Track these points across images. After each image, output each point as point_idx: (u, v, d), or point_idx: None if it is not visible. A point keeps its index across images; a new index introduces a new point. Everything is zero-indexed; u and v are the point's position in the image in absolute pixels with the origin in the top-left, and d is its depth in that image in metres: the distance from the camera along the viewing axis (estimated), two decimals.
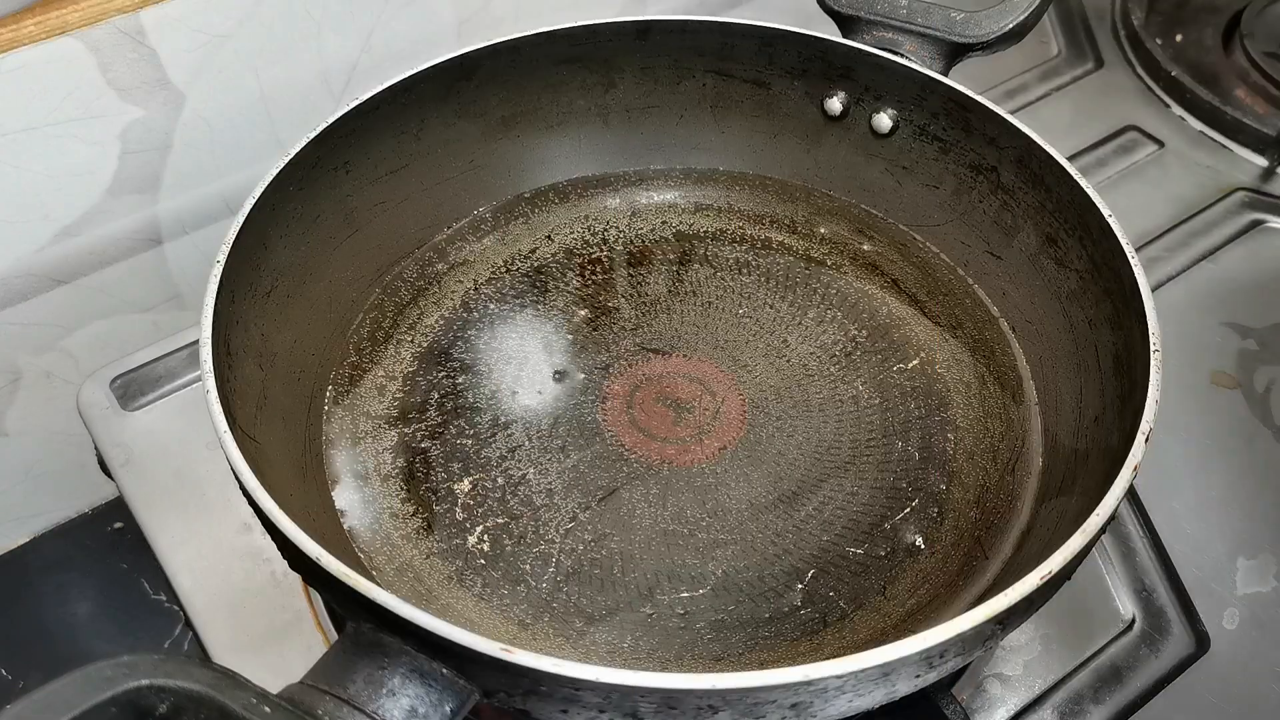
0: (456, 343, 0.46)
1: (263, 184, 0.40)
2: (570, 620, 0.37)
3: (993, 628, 0.30)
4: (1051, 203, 0.44)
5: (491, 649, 0.27)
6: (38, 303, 0.57)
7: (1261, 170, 0.66)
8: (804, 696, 0.28)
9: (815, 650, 0.37)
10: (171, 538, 0.48)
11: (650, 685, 0.27)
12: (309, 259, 0.44)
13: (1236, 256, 0.61)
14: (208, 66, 0.54)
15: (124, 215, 0.57)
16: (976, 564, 0.39)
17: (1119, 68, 0.73)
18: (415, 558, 0.39)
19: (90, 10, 0.50)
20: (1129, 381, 0.37)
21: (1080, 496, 0.36)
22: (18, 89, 0.49)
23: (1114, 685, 0.45)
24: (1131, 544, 0.49)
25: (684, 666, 0.36)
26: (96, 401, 0.53)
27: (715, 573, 0.39)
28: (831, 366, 0.45)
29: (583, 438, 0.43)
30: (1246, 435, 0.52)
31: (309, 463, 0.41)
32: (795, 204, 0.52)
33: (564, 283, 0.49)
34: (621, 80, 0.51)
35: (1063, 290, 0.44)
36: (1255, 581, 0.47)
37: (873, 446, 0.43)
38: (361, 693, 0.27)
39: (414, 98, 0.46)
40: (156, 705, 0.22)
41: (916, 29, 0.46)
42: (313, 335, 0.44)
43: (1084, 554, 0.31)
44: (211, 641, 0.46)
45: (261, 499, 0.31)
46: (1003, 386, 0.44)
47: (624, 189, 0.52)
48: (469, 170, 0.50)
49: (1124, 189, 0.65)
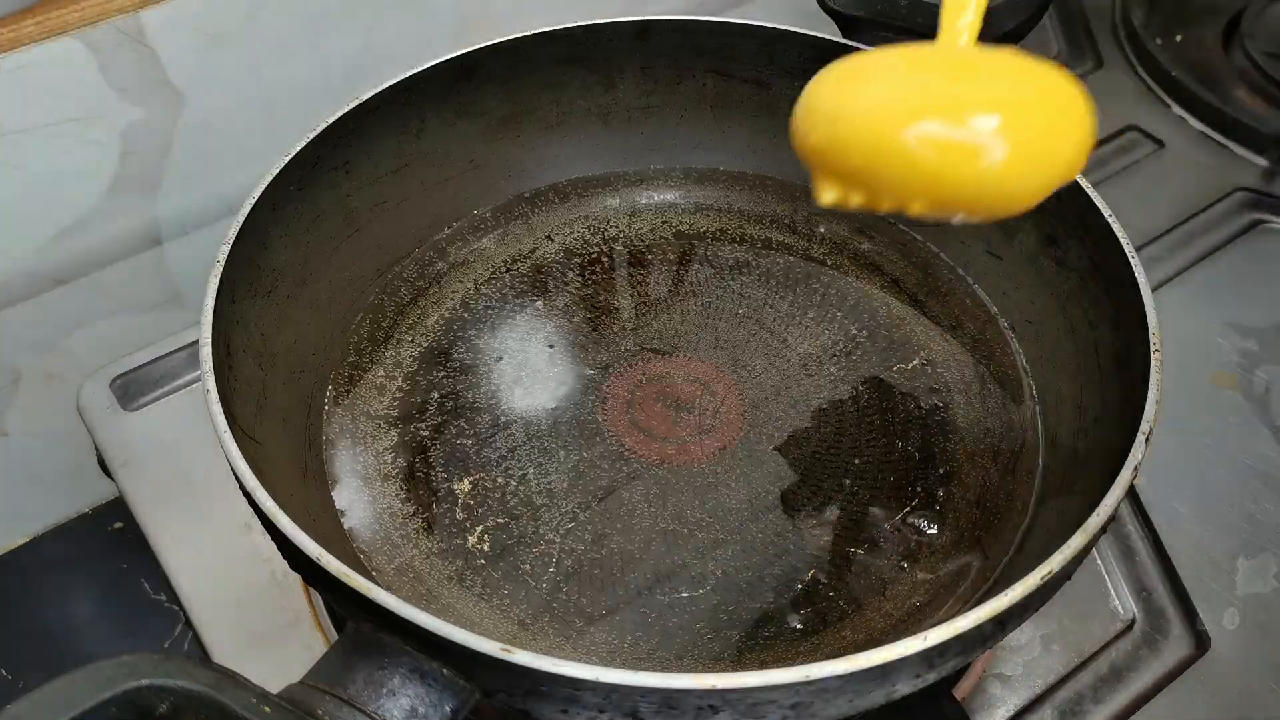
0: (457, 343, 0.46)
1: (263, 184, 0.40)
2: (570, 620, 0.37)
3: (993, 628, 0.30)
4: (1051, 203, 0.43)
5: (491, 649, 0.27)
6: (38, 303, 0.57)
7: (1261, 170, 0.66)
8: (804, 696, 0.28)
9: (815, 650, 0.37)
10: (171, 538, 0.48)
11: (650, 685, 0.27)
12: (309, 259, 0.44)
13: (1236, 256, 0.61)
14: (208, 66, 0.54)
15: (124, 215, 0.57)
16: (976, 564, 0.39)
17: (1119, 68, 0.73)
18: (415, 558, 0.39)
19: (90, 10, 0.50)
20: (1129, 381, 0.37)
21: (1080, 496, 0.36)
22: (18, 89, 0.49)
23: (1114, 685, 0.45)
24: (1131, 544, 0.49)
25: (684, 666, 0.36)
26: (96, 401, 0.53)
27: (715, 573, 0.39)
28: (831, 366, 0.45)
29: (583, 438, 0.43)
30: (1246, 435, 0.52)
31: (309, 463, 0.41)
32: (795, 204, 0.52)
33: (564, 282, 0.49)
34: (621, 80, 0.50)
35: (1063, 290, 0.44)
36: (1255, 581, 0.47)
37: (873, 446, 0.43)
38: (361, 693, 0.27)
39: (414, 98, 0.46)
40: (156, 705, 0.22)
41: (916, 29, 0.46)
42: (313, 335, 0.44)
43: (1084, 554, 0.31)
44: (211, 641, 0.46)
45: (261, 499, 0.31)
46: (1003, 386, 0.44)
47: (624, 189, 0.52)
48: (469, 170, 0.50)
49: (1124, 189, 0.65)
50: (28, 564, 0.64)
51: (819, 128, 0.29)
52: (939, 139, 0.27)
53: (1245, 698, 0.44)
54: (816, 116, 0.29)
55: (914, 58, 0.29)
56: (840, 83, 0.29)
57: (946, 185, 0.27)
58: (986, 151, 0.27)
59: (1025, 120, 0.27)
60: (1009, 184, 0.28)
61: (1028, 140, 0.27)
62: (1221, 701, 0.44)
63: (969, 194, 0.28)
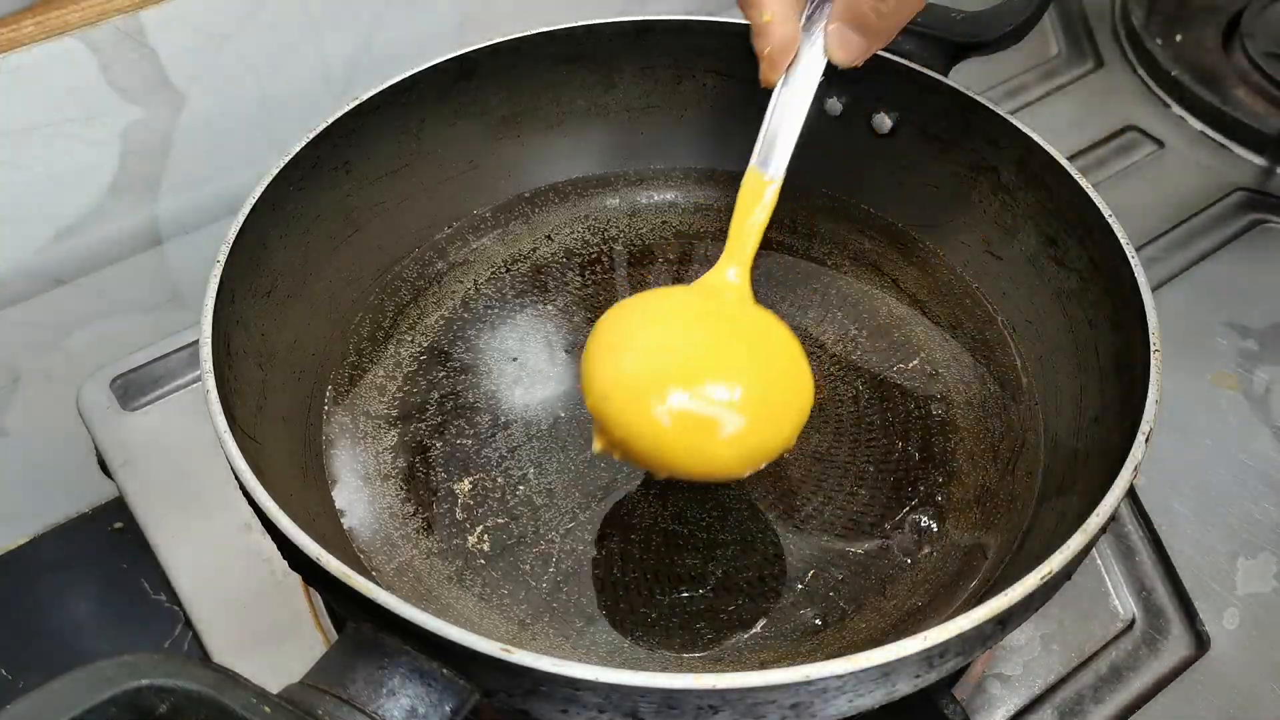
0: (456, 342, 0.46)
1: (263, 184, 0.40)
2: (570, 620, 0.37)
3: (993, 628, 0.30)
4: (1051, 203, 0.44)
5: (491, 649, 0.27)
6: (38, 303, 0.57)
7: (1261, 170, 0.66)
8: (804, 696, 0.28)
9: (815, 650, 0.37)
10: (171, 538, 0.48)
11: (650, 685, 0.27)
12: (309, 259, 0.44)
13: (1236, 256, 0.61)
14: (208, 66, 0.54)
15: (124, 215, 0.57)
16: (976, 564, 0.39)
17: (1119, 68, 0.73)
18: (415, 558, 0.39)
19: (90, 10, 0.50)
20: (1129, 381, 0.37)
21: (1080, 496, 0.36)
22: (18, 89, 0.49)
23: (1114, 685, 0.45)
24: (1131, 544, 0.49)
25: (684, 666, 0.36)
26: (96, 401, 0.53)
27: (715, 573, 0.39)
28: (831, 366, 0.45)
29: (583, 437, 0.43)
30: (1246, 435, 0.52)
31: (309, 463, 0.41)
32: (795, 204, 0.51)
33: (564, 282, 0.49)
34: (621, 80, 0.50)
35: (1063, 290, 0.44)
36: (1255, 581, 0.47)
37: (873, 446, 0.43)
38: (361, 693, 0.27)
39: (414, 98, 0.46)
40: (156, 705, 0.22)
41: (917, 29, 0.46)
42: (313, 335, 0.44)
43: (1084, 554, 0.31)
44: (211, 641, 0.46)
45: (261, 499, 0.31)
46: (1003, 386, 0.44)
47: (624, 189, 0.52)
48: (469, 170, 0.50)
49: (1124, 189, 0.65)
50: (28, 564, 0.64)
51: (590, 396, 0.35)
52: (681, 447, 0.34)
53: (1245, 698, 0.44)
54: (586, 386, 0.36)
55: (673, 325, 0.36)
56: (605, 360, 0.35)
57: (691, 470, 0.34)
58: (722, 452, 0.34)
59: (756, 416, 0.34)
60: (743, 464, 0.35)
61: (756, 432, 0.34)
62: (1221, 701, 0.44)
63: (711, 475, 0.35)
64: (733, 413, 0.34)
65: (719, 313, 0.38)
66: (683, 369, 0.34)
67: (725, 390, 0.34)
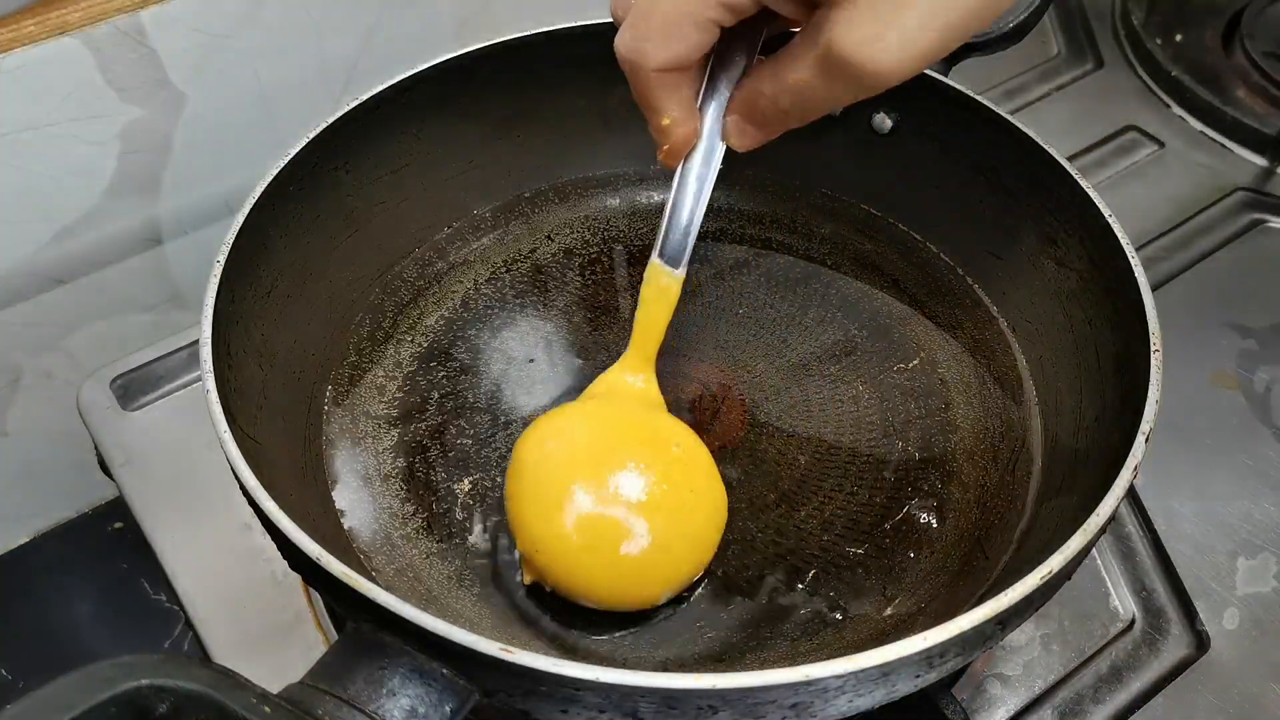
0: (457, 342, 0.46)
1: (263, 184, 0.40)
2: (570, 619, 0.37)
3: (993, 628, 0.30)
4: (1051, 203, 0.44)
5: (491, 649, 0.27)
6: (38, 303, 0.57)
7: (1261, 170, 0.66)
8: (804, 696, 0.28)
9: (815, 650, 0.37)
10: (171, 538, 0.48)
11: (650, 685, 0.27)
12: (309, 259, 0.44)
13: (1236, 256, 0.61)
14: (208, 66, 0.54)
15: (124, 215, 0.57)
16: (976, 564, 0.39)
17: (1119, 68, 0.73)
18: (415, 558, 0.39)
19: (90, 10, 0.50)
20: (1129, 381, 0.37)
21: (1080, 496, 0.36)
22: (18, 89, 0.49)
23: (1114, 685, 0.45)
24: (1131, 544, 0.49)
25: (684, 666, 0.36)
26: (96, 401, 0.53)
27: (715, 573, 0.39)
28: (831, 366, 0.45)
29: None
30: (1246, 435, 0.52)
31: (309, 463, 0.41)
32: (795, 204, 0.51)
33: (564, 282, 0.49)
34: (621, 80, 0.50)
35: (1063, 290, 0.44)
36: (1255, 581, 0.47)
37: (873, 446, 0.43)
38: (361, 693, 0.27)
39: (414, 98, 0.46)
40: (156, 705, 0.22)
41: None
42: (313, 335, 0.44)
43: (1084, 554, 0.31)
44: (211, 641, 0.46)
45: (261, 499, 0.31)
46: (1003, 386, 0.44)
47: (624, 189, 0.52)
48: (469, 170, 0.50)
49: (1124, 189, 0.65)
50: (28, 564, 0.64)
51: (519, 542, 0.37)
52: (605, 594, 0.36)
53: (1245, 698, 0.44)
54: (513, 528, 0.37)
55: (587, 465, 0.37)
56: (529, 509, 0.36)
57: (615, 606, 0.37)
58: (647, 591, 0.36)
59: (665, 547, 0.36)
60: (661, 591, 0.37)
61: (667, 562, 0.36)
62: (1221, 701, 0.44)
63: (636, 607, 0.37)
64: (651, 553, 0.35)
65: (631, 437, 0.38)
66: (600, 524, 0.35)
67: (644, 537, 0.35)
